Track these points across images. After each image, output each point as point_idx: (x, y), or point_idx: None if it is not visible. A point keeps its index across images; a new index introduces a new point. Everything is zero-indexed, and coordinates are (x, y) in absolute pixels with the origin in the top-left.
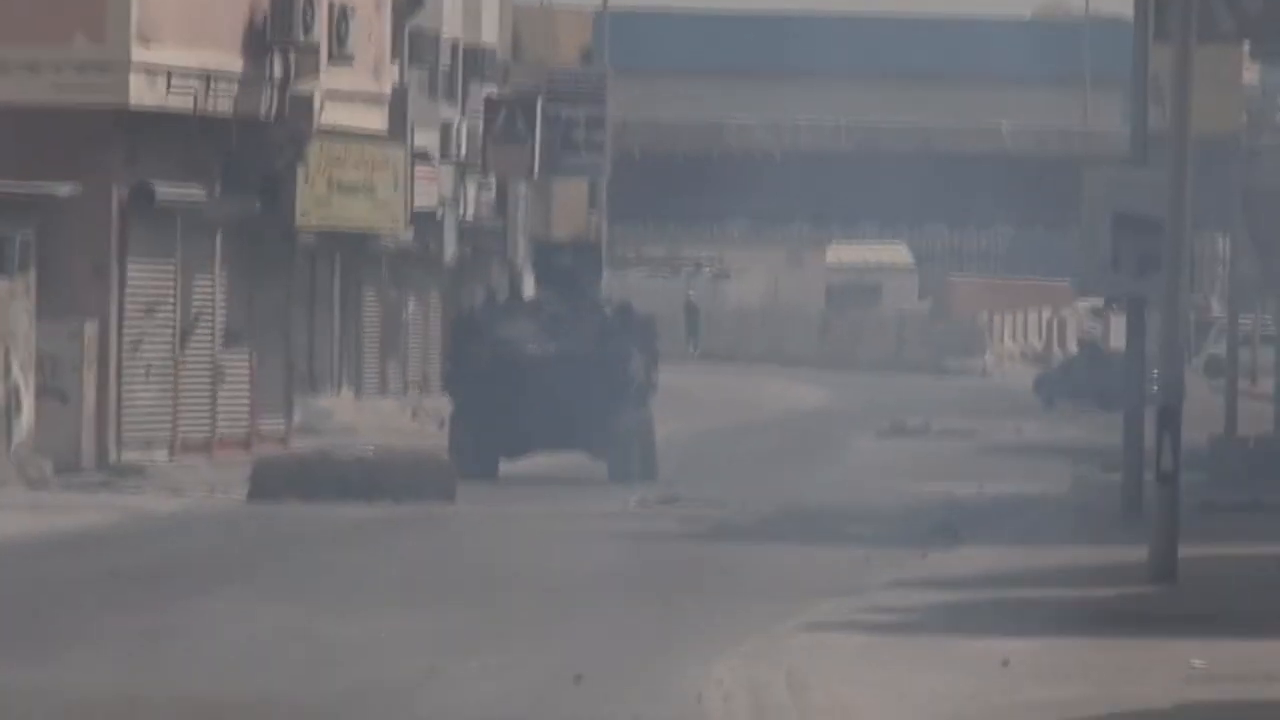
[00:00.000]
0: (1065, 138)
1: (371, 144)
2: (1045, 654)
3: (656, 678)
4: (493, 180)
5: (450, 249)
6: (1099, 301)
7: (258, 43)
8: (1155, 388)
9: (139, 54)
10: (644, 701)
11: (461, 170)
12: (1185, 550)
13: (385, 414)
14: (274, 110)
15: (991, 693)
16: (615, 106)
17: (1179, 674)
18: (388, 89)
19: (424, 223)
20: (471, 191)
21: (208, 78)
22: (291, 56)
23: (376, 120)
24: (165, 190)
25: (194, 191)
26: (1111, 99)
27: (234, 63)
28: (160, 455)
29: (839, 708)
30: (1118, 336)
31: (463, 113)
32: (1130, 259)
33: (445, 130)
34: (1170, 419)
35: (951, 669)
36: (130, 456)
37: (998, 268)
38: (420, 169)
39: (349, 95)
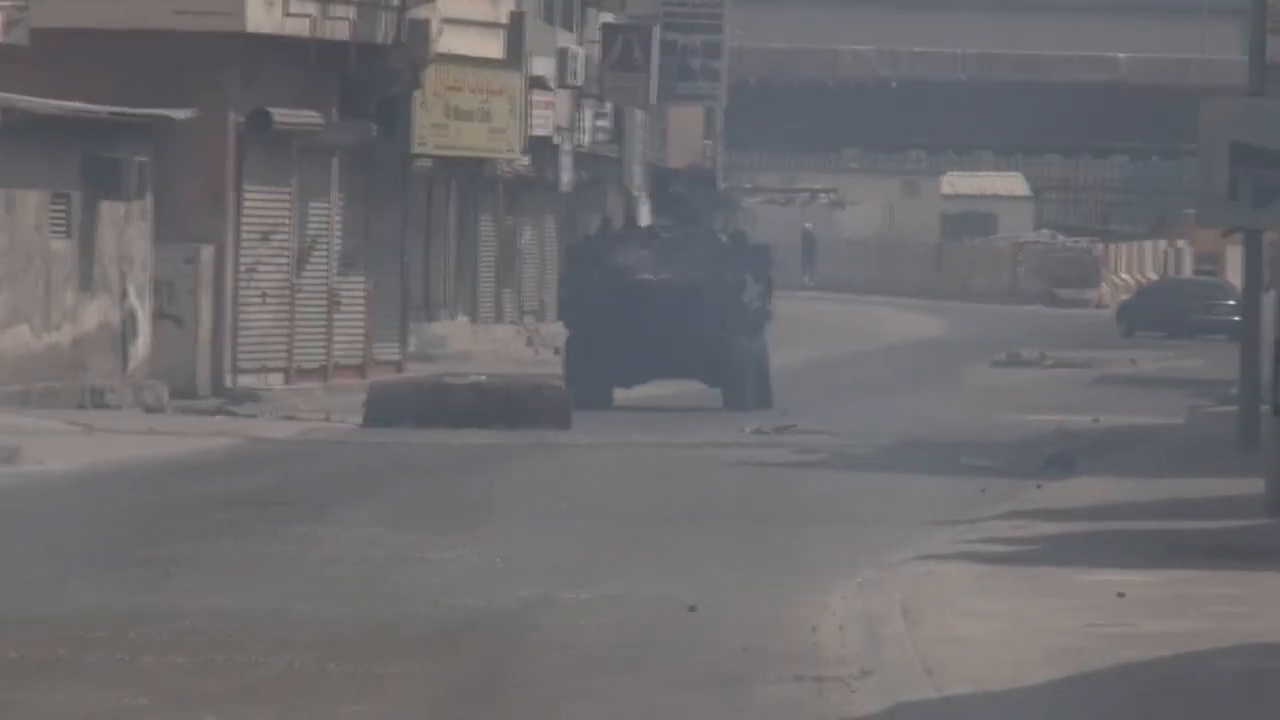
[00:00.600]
0: (1182, 67)
1: (488, 70)
2: (1160, 587)
3: (769, 608)
4: (609, 108)
5: (566, 176)
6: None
7: None
8: (1236, 317)
9: None
10: (756, 632)
11: (578, 97)
12: None
13: (500, 341)
14: (391, 35)
15: (1106, 625)
16: (731, 34)
17: None
18: (504, 15)
19: (540, 149)
20: (588, 119)
21: (324, 2)
22: None
23: (493, 46)
24: (282, 115)
25: (310, 117)
26: (1230, 29)
27: None
28: (276, 381)
29: (953, 639)
30: (1234, 267)
31: (580, 40)
32: (1247, 190)
33: (562, 57)
34: None
35: (1066, 600)
36: (246, 382)
37: (1112, 198)
38: (537, 96)
39: (466, 21)
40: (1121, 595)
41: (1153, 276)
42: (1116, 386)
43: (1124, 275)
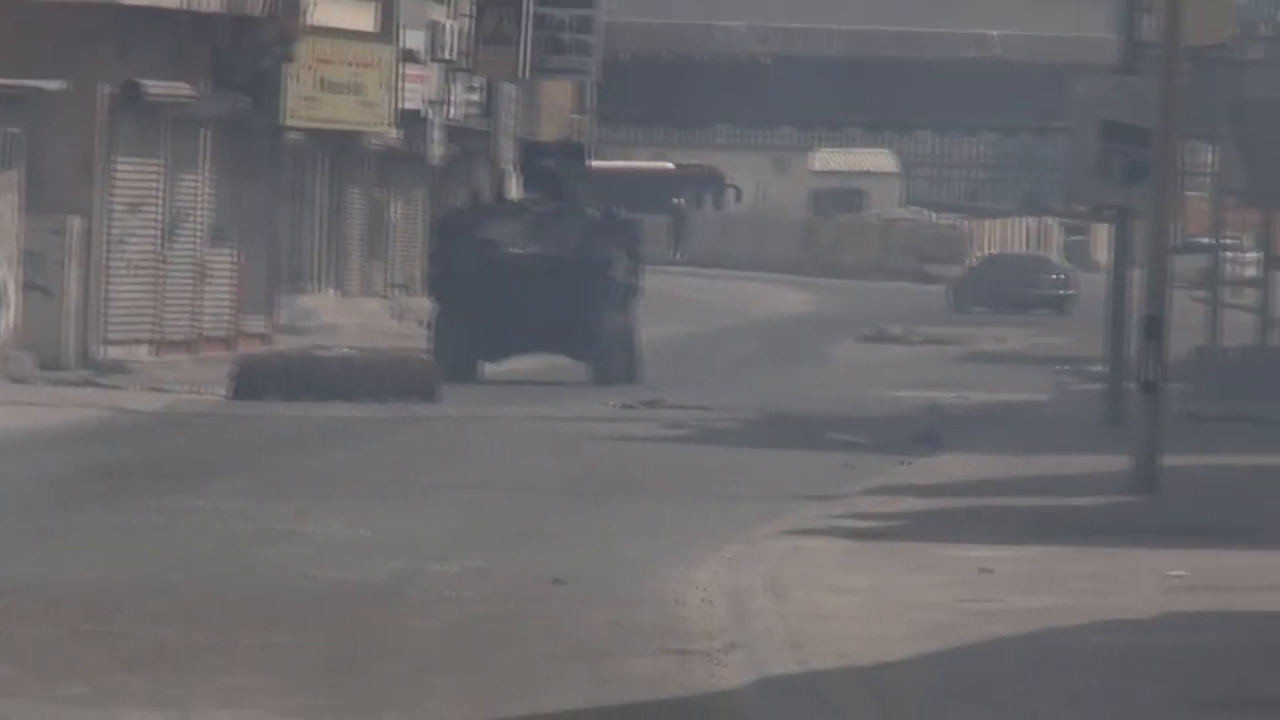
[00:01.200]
0: (1054, 44)
1: (360, 43)
2: (1026, 562)
3: (636, 581)
4: (480, 82)
5: (436, 150)
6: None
7: None
8: (1062, 292)
9: None
10: (624, 606)
11: (449, 71)
12: (1167, 460)
13: (369, 314)
14: (263, 7)
15: (973, 600)
16: (604, 8)
17: (1160, 584)
18: None
19: (411, 123)
20: (459, 92)
21: None
22: None
23: (365, 19)
24: (153, 87)
25: (182, 89)
26: (1100, 7)
27: None
28: (143, 352)
29: (819, 614)
30: (1099, 248)
31: (452, 13)
32: (1117, 167)
33: (433, 30)
34: (1155, 328)
35: (932, 576)
36: (114, 353)
37: (982, 174)
38: (409, 69)
39: None
40: (988, 571)
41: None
42: (983, 363)
43: (992, 251)
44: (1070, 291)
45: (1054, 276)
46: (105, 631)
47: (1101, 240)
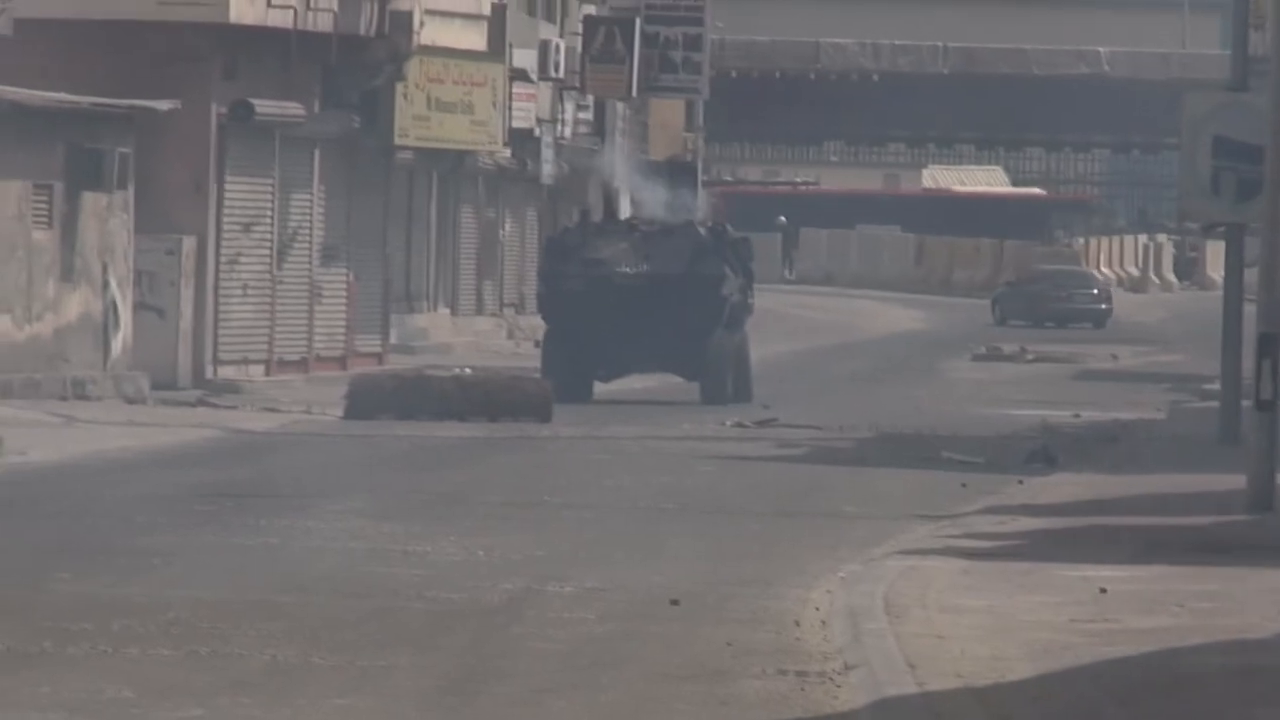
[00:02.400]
0: (1162, 61)
1: (470, 62)
2: (1142, 582)
3: (753, 602)
4: (590, 100)
5: (547, 168)
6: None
7: None
8: (1101, 306)
9: None
10: (740, 626)
11: (560, 90)
12: None
13: (481, 333)
14: (374, 27)
15: (1088, 621)
16: (713, 27)
17: (1277, 604)
18: (486, 7)
19: (522, 142)
20: (569, 111)
21: None
22: None
23: (476, 38)
24: (264, 107)
25: (293, 108)
26: (1210, 23)
27: None
28: (257, 373)
29: (935, 634)
30: (1215, 265)
31: (562, 32)
32: (1230, 184)
33: (544, 49)
34: (1270, 346)
35: (1048, 596)
36: (227, 373)
37: (1094, 191)
38: (518, 88)
39: (448, 13)
40: (1104, 591)
41: (1133, 271)
42: (1097, 381)
43: (1105, 270)
44: (1108, 306)
45: (1093, 291)
46: (220, 653)
47: (1216, 257)
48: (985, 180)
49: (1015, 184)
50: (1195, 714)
